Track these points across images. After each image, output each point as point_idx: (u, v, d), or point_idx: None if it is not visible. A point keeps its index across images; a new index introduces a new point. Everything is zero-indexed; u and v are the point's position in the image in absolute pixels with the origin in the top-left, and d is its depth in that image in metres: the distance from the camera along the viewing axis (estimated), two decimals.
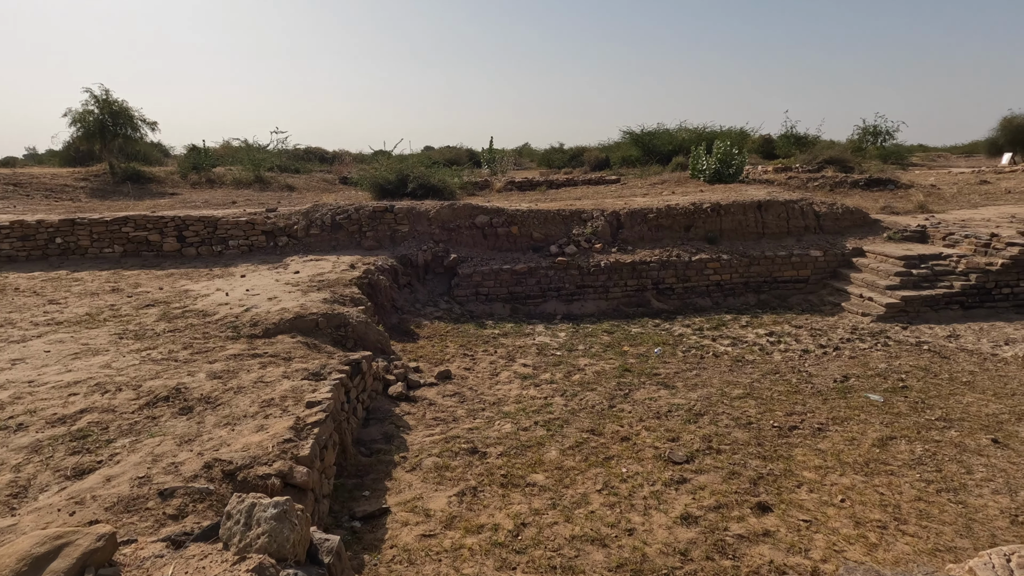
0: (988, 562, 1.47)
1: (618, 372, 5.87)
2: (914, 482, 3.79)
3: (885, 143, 28.59)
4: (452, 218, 9.24)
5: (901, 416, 4.77)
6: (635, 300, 8.65)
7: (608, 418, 4.76)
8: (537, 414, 4.85)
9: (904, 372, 5.77)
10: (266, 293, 6.52)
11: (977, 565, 1.49)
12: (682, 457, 4.05)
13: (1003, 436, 4.39)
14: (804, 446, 4.29)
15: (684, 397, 5.21)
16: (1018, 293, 7.78)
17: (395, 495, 3.64)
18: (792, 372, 5.86)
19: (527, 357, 6.36)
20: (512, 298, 8.54)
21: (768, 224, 9.54)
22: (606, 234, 9.34)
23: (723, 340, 7.00)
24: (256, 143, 23.46)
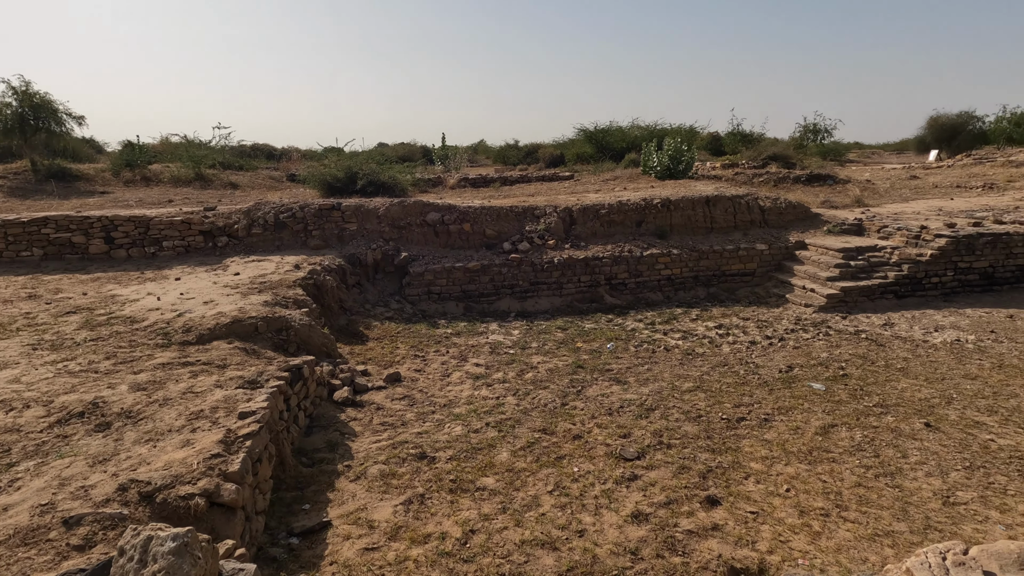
0: (924, 561, 1.47)
1: (571, 369, 5.83)
2: (854, 468, 3.90)
3: (824, 141, 29.90)
4: (402, 216, 9.01)
5: (841, 404, 4.92)
6: (589, 296, 8.67)
7: (561, 416, 4.70)
8: (489, 415, 4.74)
9: (844, 361, 5.98)
10: (202, 297, 6.16)
11: (914, 565, 1.49)
12: (633, 453, 4.03)
13: (934, 420, 4.58)
14: (751, 437, 4.35)
15: (636, 392, 5.22)
16: (946, 282, 8.22)
17: (337, 507, 3.46)
18: (740, 364, 5.98)
19: (480, 356, 6.24)
20: (465, 296, 8.40)
21: (716, 219, 9.75)
22: (559, 230, 9.32)
23: (674, 334, 7.09)
24: (197, 139, 22.40)
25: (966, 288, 8.27)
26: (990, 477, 3.76)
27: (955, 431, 4.39)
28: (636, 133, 24.60)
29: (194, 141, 21.93)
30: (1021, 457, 3.99)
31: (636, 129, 26.34)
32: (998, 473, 3.80)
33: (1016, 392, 5.07)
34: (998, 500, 3.51)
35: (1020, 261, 8.37)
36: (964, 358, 5.97)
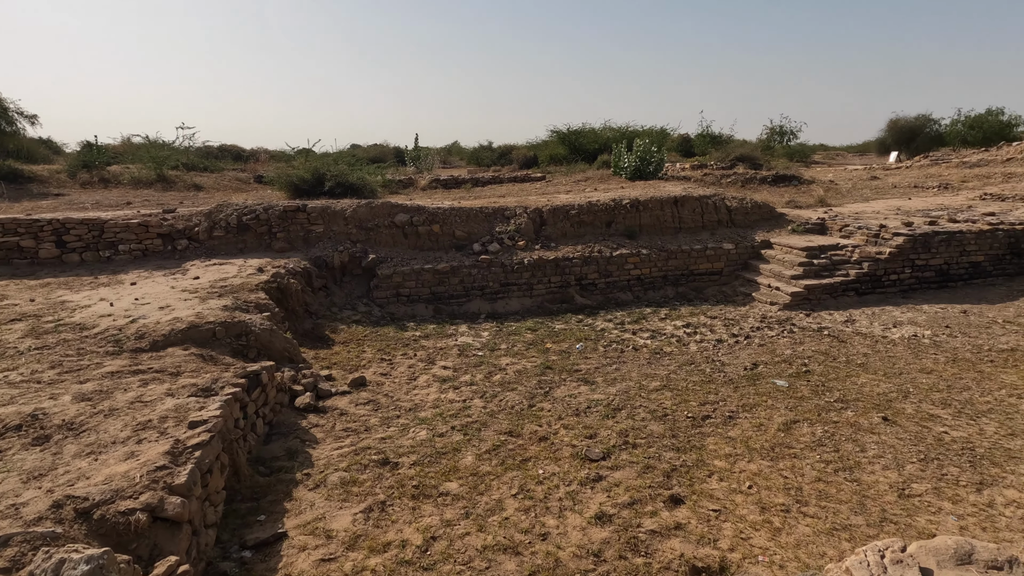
0: (863, 560, 1.47)
1: (539, 370, 5.80)
2: (815, 463, 3.95)
3: (790, 142, 30.64)
4: (370, 217, 8.87)
5: (804, 400, 5.00)
6: (559, 296, 8.66)
7: (527, 418, 4.66)
8: (455, 418, 4.68)
9: (807, 357, 6.09)
10: (158, 302, 5.94)
11: (853, 564, 1.49)
12: (598, 454, 4.01)
13: (892, 414, 4.69)
14: (716, 435, 4.38)
15: (604, 392, 5.21)
16: (904, 279, 8.46)
17: (294, 517, 3.35)
18: (706, 362, 6.03)
19: (448, 359, 6.17)
20: (435, 298, 8.31)
21: (684, 219, 9.86)
22: (529, 231, 9.30)
23: (643, 333, 7.12)
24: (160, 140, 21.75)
25: (923, 285, 8.52)
26: (943, 469, 3.85)
27: (911, 424, 4.49)
28: (608, 135, 24.81)
29: (156, 142, 21.31)
30: (972, 449, 4.11)
31: (608, 131, 26.58)
32: (951, 465, 3.90)
33: (968, 385, 5.23)
34: (950, 491, 3.60)
35: (973, 258, 8.66)
36: (921, 353, 6.14)
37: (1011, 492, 3.58)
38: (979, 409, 4.75)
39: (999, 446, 4.14)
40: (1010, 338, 6.49)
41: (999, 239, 8.71)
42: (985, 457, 3.98)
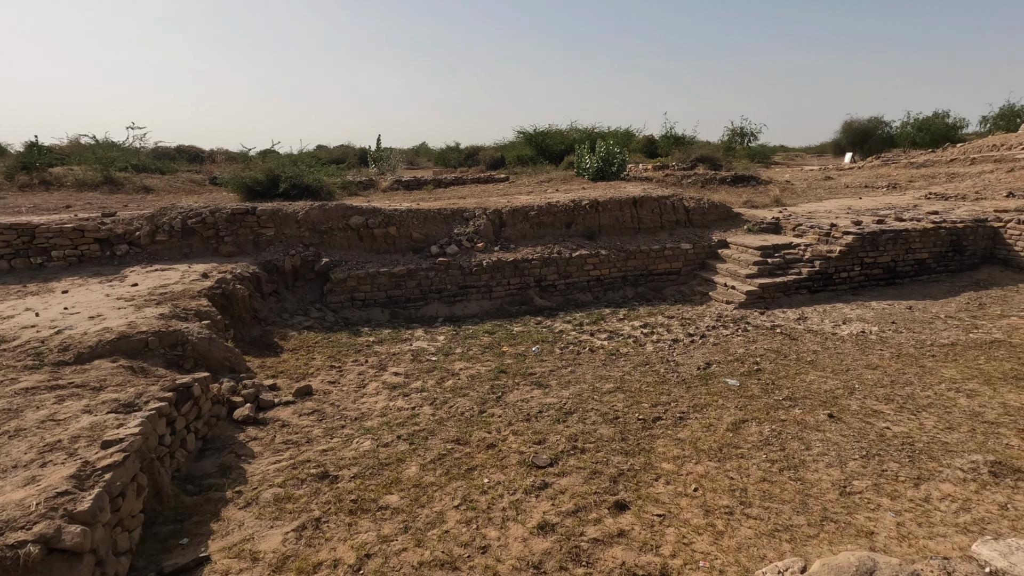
0: None
1: (493, 374, 5.70)
2: (761, 463, 3.95)
3: (751, 143, 31.39)
4: (324, 220, 8.63)
5: (754, 399, 5.03)
6: (519, 298, 8.58)
7: (477, 425, 4.55)
8: (402, 427, 4.53)
9: (759, 356, 6.15)
10: (89, 311, 5.61)
11: None
12: (546, 460, 3.93)
13: (837, 411, 4.75)
14: (666, 436, 4.35)
15: (556, 396, 5.14)
16: (854, 277, 8.68)
17: (220, 539, 3.16)
18: (661, 362, 6.03)
19: (400, 365, 6.01)
20: (391, 302, 8.13)
21: (643, 219, 9.91)
22: (489, 233, 9.20)
23: (601, 334, 7.09)
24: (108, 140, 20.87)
25: (871, 282, 8.75)
26: (883, 465, 3.90)
27: (855, 421, 4.56)
28: (575, 135, 24.96)
29: (104, 142, 20.44)
30: (912, 444, 4.18)
31: (575, 132, 26.75)
32: (891, 460, 3.95)
33: (911, 380, 5.35)
34: (890, 487, 3.64)
35: (918, 256, 8.95)
36: (867, 349, 6.27)
37: (946, 486, 3.64)
38: (920, 404, 4.85)
39: (937, 440, 4.22)
40: (951, 333, 6.69)
41: (942, 237, 9.02)
42: (923, 452, 4.05)
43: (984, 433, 4.31)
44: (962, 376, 5.40)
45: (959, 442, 4.19)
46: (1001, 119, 29.85)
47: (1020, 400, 4.85)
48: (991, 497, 3.51)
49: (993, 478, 3.70)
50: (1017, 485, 3.62)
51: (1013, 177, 11.99)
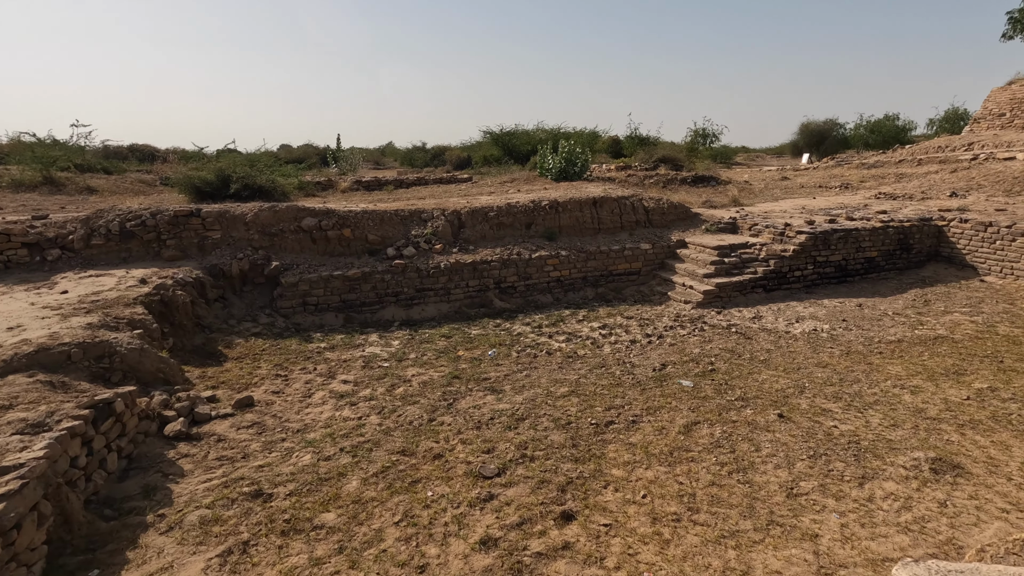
0: None
1: (447, 380, 5.54)
2: (711, 467, 3.92)
3: (712, 144, 32.00)
4: (274, 222, 8.31)
5: (707, 400, 5.01)
6: (478, 301, 8.44)
7: (425, 434, 4.40)
8: (346, 439, 4.34)
9: (714, 356, 6.16)
10: (9, 321, 5.22)
11: None
12: (493, 471, 3.81)
13: (787, 410, 4.77)
14: (618, 441, 4.28)
15: (509, 401, 5.02)
16: (807, 275, 8.84)
17: (135, 568, 2.92)
18: (618, 364, 5.98)
19: (350, 372, 5.80)
20: (346, 306, 7.88)
21: (603, 220, 9.90)
22: (447, 234, 9.03)
23: (559, 336, 7.02)
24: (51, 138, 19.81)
25: (824, 280, 8.94)
26: (830, 464, 3.91)
27: (804, 420, 4.58)
28: (541, 136, 24.94)
29: (46, 140, 19.41)
30: (858, 442, 4.21)
31: (541, 132, 26.74)
32: (837, 460, 3.97)
33: (859, 378, 5.43)
34: (835, 487, 3.65)
35: (868, 254, 9.18)
36: (818, 347, 6.36)
37: (889, 484, 3.66)
38: (867, 401, 4.92)
39: (882, 438, 4.27)
40: (897, 329, 6.86)
41: (890, 235, 9.28)
42: (868, 450, 4.09)
43: (926, 430, 4.39)
44: (907, 373, 5.52)
45: (903, 439, 4.25)
46: (946, 122, 31.21)
47: (960, 395, 4.96)
48: (931, 495, 3.54)
49: (934, 475, 3.74)
50: (956, 482, 3.67)
51: (956, 177, 12.47)
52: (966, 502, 3.46)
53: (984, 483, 3.66)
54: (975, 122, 22.29)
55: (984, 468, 3.83)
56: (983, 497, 3.50)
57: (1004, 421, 4.48)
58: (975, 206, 10.18)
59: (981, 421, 4.48)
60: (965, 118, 29.96)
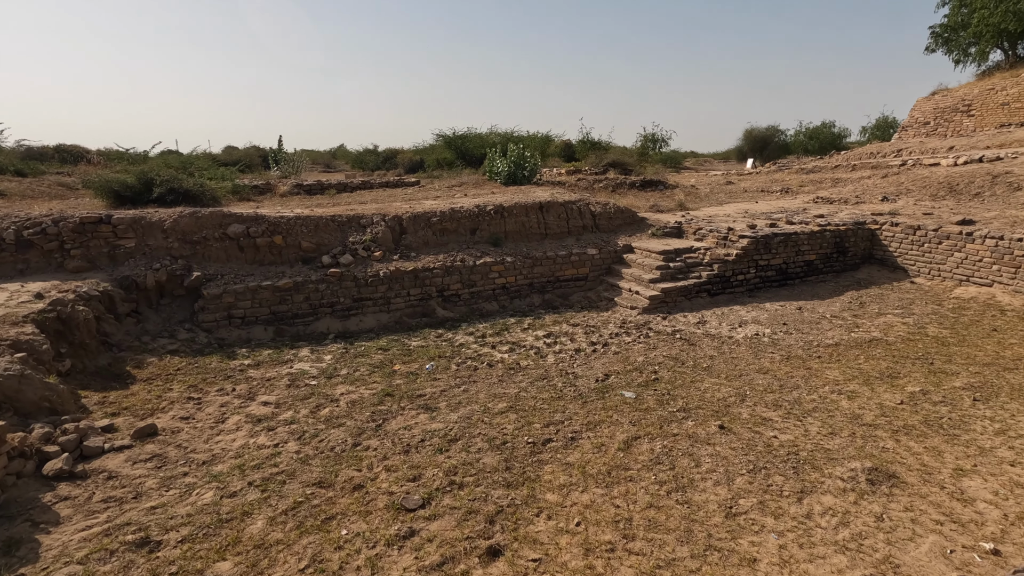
0: None
1: (378, 398, 5.19)
2: (649, 486, 3.73)
3: (662, 149, 32.61)
4: (196, 229, 7.71)
5: (649, 412, 4.85)
6: (420, 310, 8.09)
7: (347, 461, 4.04)
8: (257, 470, 3.93)
9: (657, 364, 6.04)
10: None
11: None
12: (417, 502, 3.49)
13: (728, 420, 4.66)
14: (555, 461, 4.05)
15: (443, 420, 4.72)
16: (750, 279, 8.92)
17: None
18: (560, 376, 5.77)
19: (273, 392, 5.35)
20: (276, 319, 7.38)
21: (550, 225, 9.73)
22: (387, 240, 8.64)
23: (503, 346, 6.76)
24: None
25: (766, 283, 9.04)
26: (769, 479, 3.80)
27: (745, 431, 4.47)
28: (494, 139, 24.77)
29: None
30: (797, 452, 4.13)
31: (495, 135, 26.57)
32: (776, 473, 3.86)
33: (798, 384, 5.41)
34: (774, 504, 3.52)
35: (807, 257, 9.36)
36: (760, 352, 6.34)
37: (827, 498, 3.57)
38: (805, 408, 4.87)
39: (820, 447, 4.21)
40: (835, 332, 6.94)
41: (827, 239, 9.49)
42: (807, 461, 4.00)
43: (863, 437, 4.35)
44: (844, 377, 5.53)
45: (840, 448, 4.19)
46: (877, 129, 32.91)
47: (894, 400, 4.99)
48: (868, 508, 3.46)
49: (870, 486, 3.68)
50: (891, 492, 3.62)
51: (887, 182, 13.00)
52: (902, 515, 3.39)
53: (919, 492, 3.61)
54: (903, 130, 23.51)
55: (918, 476, 3.79)
56: (918, 508, 3.45)
57: (936, 425, 4.50)
58: (904, 210, 10.58)
59: (914, 426, 4.49)
60: (894, 126, 31.67)
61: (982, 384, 5.26)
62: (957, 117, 20.85)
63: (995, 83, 19.94)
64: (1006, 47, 22.78)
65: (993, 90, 19.76)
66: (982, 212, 9.65)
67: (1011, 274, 7.97)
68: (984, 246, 8.30)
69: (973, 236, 8.45)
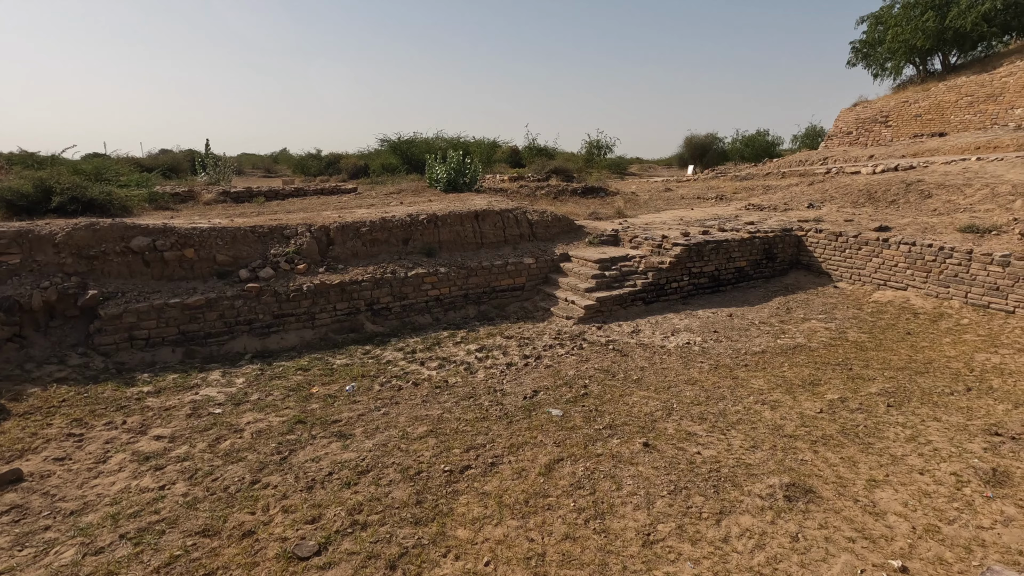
0: None
1: (288, 426, 4.80)
2: (567, 514, 3.55)
3: (607, 155, 33.14)
4: (94, 242, 7.04)
5: (574, 430, 4.70)
6: (347, 325, 7.69)
7: (240, 503, 3.66)
8: (134, 519, 3.50)
9: (588, 377, 5.92)
10: None
11: None
12: (312, 548, 3.18)
13: (654, 436, 4.56)
14: (471, 491, 3.81)
15: (357, 449, 4.40)
16: (683, 287, 9.00)
17: None
18: (488, 393, 5.55)
19: (169, 423, 4.87)
20: (186, 339, 6.82)
21: (486, 234, 9.52)
22: (313, 252, 8.19)
23: (432, 363, 6.48)
24: None
25: (699, 291, 9.15)
26: (689, 500, 3.70)
27: (669, 448, 4.38)
28: (440, 144, 24.46)
29: None
30: (718, 469, 4.06)
31: (441, 141, 26.27)
32: (697, 493, 3.77)
33: (724, 394, 5.40)
34: (692, 528, 3.41)
35: (737, 264, 9.55)
36: (690, 361, 6.33)
37: (745, 519, 3.49)
38: (730, 420, 4.85)
39: (741, 462, 4.16)
40: (762, 339, 7.05)
41: (757, 246, 9.72)
42: (728, 478, 3.94)
43: (783, 449, 4.34)
44: (768, 386, 5.57)
45: (761, 462, 4.15)
46: (807, 138, 34.65)
47: (814, 408, 5.04)
48: (784, 527, 3.40)
49: (787, 503, 3.63)
50: (807, 509, 3.58)
51: (813, 190, 13.55)
52: (816, 533, 3.35)
53: (833, 508, 3.59)
54: (829, 139, 24.78)
55: (833, 490, 3.79)
56: (832, 525, 3.42)
57: (852, 434, 4.56)
58: (828, 216, 11.00)
59: (832, 436, 4.53)
60: (821, 135, 33.39)
61: (896, 389, 5.41)
62: (876, 127, 22.14)
63: (909, 96, 21.30)
64: (918, 63, 24.43)
65: (907, 102, 21.09)
66: (897, 219, 10.15)
67: (923, 278, 8.37)
68: (899, 252, 8.68)
69: (889, 242, 8.83)
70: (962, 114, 18.77)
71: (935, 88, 20.16)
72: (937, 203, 10.58)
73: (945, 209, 10.23)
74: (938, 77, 22.69)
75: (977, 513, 3.50)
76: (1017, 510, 3.51)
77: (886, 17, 23.97)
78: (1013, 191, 9.88)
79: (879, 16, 24.73)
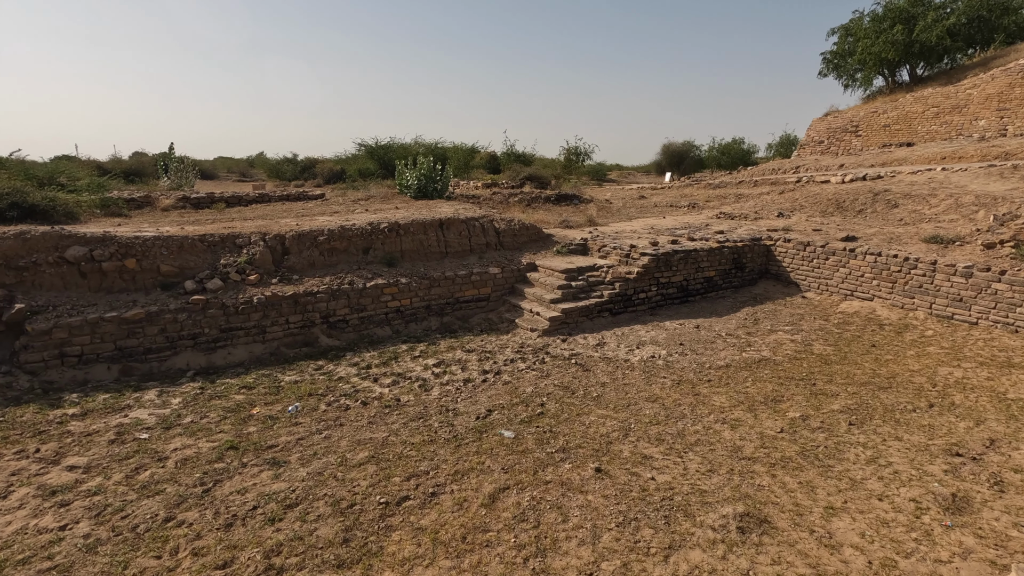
0: None
1: (218, 453, 4.47)
2: (507, 552, 3.30)
3: (585, 162, 33.16)
4: (24, 252, 6.61)
5: (525, 454, 4.45)
6: (301, 339, 7.35)
7: (147, 545, 3.33)
8: (22, 567, 3.14)
9: (547, 395, 5.68)
10: None
11: None
12: None
13: (608, 460, 4.34)
14: (405, 526, 3.54)
15: (289, 479, 4.09)
16: (651, 297, 8.84)
17: None
18: (439, 413, 5.27)
19: (88, 451, 4.50)
20: (124, 356, 6.41)
21: (451, 243, 9.26)
22: (267, 262, 7.84)
23: (386, 379, 6.18)
24: None
25: (668, 301, 9.00)
26: (638, 533, 3.47)
27: (622, 473, 4.16)
28: (418, 150, 24.15)
29: None
30: (671, 497, 3.85)
31: (419, 146, 25.95)
32: (647, 525, 3.54)
33: (684, 412, 5.20)
34: (638, 567, 3.18)
35: (706, 273, 9.43)
36: (652, 376, 6.14)
37: (695, 554, 3.27)
38: (688, 442, 4.64)
39: (696, 489, 3.95)
40: (728, 352, 6.89)
41: (726, 255, 9.62)
42: (680, 507, 3.72)
43: (740, 473, 4.15)
44: (730, 403, 5.39)
45: (716, 488, 3.95)
46: (781, 146, 35.12)
47: (775, 427, 4.87)
48: (735, 563, 3.19)
49: (740, 535, 3.43)
50: (761, 541, 3.38)
51: (783, 199, 13.57)
52: (768, 570, 3.14)
53: (788, 540, 3.39)
54: (801, 147, 25.07)
55: (789, 519, 3.59)
56: (785, 561, 3.21)
57: (812, 456, 4.38)
58: (797, 226, 10.97)
59: (791, 458, 4.35)
60: (795, 143, 33.85)
61: (858, 406, 5.27)
62: (847, 137, 22.45)
63: (878, 106, 21.64)
64: (886, 74, 24.89)
65: (876, 113, 21.42)
66: (864, 228, 10.14)
67: (889, 288, 8.33)
68: (865, 262, 8.64)
69: (855, 252, 8.79)
70: (929, 124, 19.10)
71: (903, 99, 20.51)
72: (903, 213, 10.62)
73: (911, 219, 10.27)
74: (906, 88, 23.14)
75: (936, 544, 3.33)
76: (976, 540, 3.35)
77: (856, 29, 24.39)
78: (976, 201, 9.95)
79: (849, 28, 25.16)
